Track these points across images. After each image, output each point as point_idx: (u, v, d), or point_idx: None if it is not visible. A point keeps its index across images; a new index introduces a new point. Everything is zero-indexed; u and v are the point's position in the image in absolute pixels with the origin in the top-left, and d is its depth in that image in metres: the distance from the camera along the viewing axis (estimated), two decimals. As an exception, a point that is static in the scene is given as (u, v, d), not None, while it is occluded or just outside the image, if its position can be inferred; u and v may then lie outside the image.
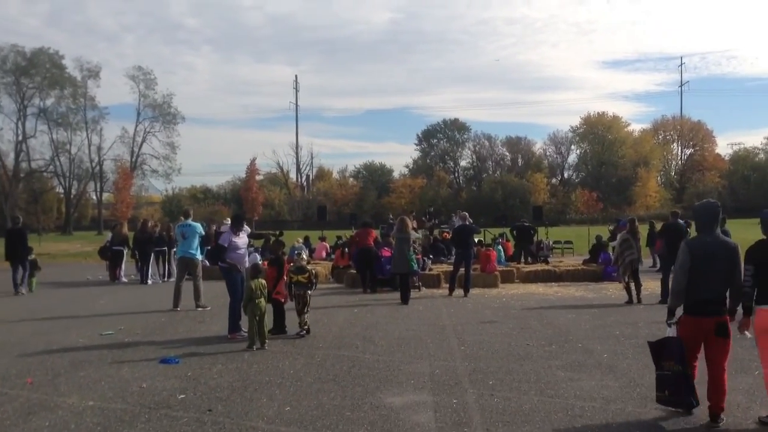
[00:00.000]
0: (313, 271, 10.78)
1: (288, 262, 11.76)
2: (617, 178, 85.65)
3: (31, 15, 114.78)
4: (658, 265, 18.60)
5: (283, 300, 10.67)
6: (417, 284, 17.05)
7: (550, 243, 23.85)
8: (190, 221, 14.63)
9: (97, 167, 76.95)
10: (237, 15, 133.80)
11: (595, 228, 40.50)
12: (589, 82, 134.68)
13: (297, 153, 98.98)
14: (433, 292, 16.74)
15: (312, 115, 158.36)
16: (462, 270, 16.01)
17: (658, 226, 19.12)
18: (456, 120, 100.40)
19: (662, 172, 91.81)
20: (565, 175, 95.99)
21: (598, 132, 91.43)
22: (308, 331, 10.38)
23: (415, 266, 15.51)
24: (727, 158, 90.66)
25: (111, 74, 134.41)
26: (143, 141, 78.22)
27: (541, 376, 7.69)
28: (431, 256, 19.22)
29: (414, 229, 16.17)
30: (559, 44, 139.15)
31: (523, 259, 22.27)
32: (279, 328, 10.67)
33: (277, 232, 15.32)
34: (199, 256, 14.76)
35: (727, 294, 6.00)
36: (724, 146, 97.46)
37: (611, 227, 23.63)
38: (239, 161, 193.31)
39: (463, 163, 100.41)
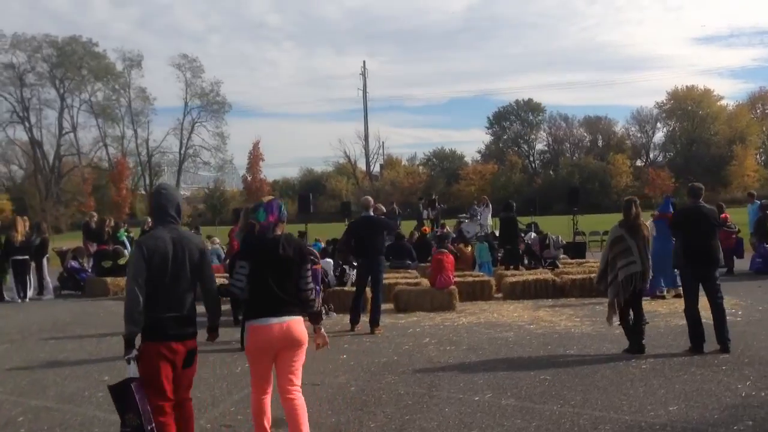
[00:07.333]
0: None
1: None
2: (710, 157, 76.15)
3: (120, 19, 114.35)
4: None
5: None
6: (322, 307, 11.17)
7: (561, 240, 17.05)
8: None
9: (147, 161, 74.31)
10: (316, 10, 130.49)
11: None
12: (680, 60, 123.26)
13: (366, 142, 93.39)
14: (343, 321, 10.74)
15: (395, 105, 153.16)
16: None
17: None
18: (530, 100, 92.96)
19: (761, 149, 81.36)
20: (651, 156, 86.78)
21: (687, 108, 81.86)
22: None
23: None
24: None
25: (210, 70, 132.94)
26: (192, 131, 74.96)
27: None
28: (349, 265, 12.61)
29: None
30: (644, 22, 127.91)
31: (511, 264, 15.51)
32: None
33: None
34: None
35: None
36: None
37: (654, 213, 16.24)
38: (323, 154, 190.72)
39: (539, 146, 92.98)
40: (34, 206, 61.18)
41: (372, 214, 10.02)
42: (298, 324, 4.71)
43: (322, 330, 4.97)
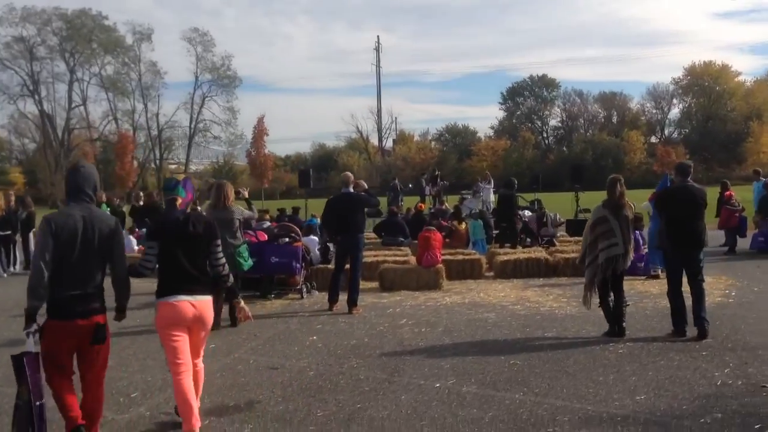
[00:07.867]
0: None
1: None
2: (726, 133, 74.93)
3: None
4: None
5: None
6: (301, 287, 10.96)
7: (558, 218, 16.64)
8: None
9: (157, 135, 74.18)
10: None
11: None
12: (700, 35, 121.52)
13: (379, 117, 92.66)
14: (324, 300, 10.37)
15: (410, 81, 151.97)
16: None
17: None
18: (544, 76, 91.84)
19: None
20: (666, 132, 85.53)
21: (703, 84, 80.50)
22: None
23: (247, 265, 9.09)
24: None
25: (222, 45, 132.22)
26: (202, 106, 74.71)
27: None
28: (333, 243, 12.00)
29: (247, 200, 9.84)
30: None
31: (506, 241, 15.08)
32: None
33: None
34: None
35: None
36: None
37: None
38: (337, 129, 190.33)
39: (553, 123, 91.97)
40: (44, 179, 61.41)
41: (351, 190, 9.68)
42: (208, 305, 4.80)
43: (241, 303, 5.01)
